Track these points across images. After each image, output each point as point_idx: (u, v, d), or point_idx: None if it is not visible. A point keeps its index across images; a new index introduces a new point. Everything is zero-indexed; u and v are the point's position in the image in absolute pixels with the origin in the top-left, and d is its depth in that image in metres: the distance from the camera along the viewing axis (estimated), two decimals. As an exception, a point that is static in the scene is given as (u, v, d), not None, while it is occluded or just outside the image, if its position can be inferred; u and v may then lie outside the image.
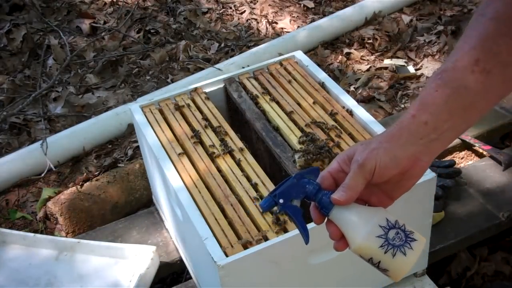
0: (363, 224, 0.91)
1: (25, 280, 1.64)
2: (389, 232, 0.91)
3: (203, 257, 1.29)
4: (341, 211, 0.92)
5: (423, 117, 0.87)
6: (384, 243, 0.91)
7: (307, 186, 0.93)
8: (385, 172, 0.89)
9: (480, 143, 1.95)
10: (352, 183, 0.89)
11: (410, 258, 0.91)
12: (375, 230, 0.91)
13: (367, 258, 0.93)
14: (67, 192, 2.03)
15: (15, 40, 2.96)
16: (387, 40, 2.89)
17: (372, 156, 0.88)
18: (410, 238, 0.92)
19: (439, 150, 0.90)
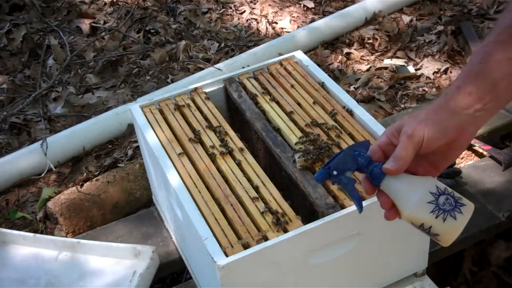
0: (414, 191, 0.95)
1: (25, 280, 1.64)
2: (439, 198, 0.95)
3: (203, 257, 1.29)
4: (392, 180, 0.96)
5: (468, 88, 0.91)
6: (435, 208, 0.94)
7: (359, 159, 0.98)
8: (433, 142, 0.92)
9: (480, 143, 1.95)
10: (402, 154, 0.92)
11: (460, 221, 0.95)
12: (426, 196, 0.95)
13: (418, 224, 0.96)
14: (67, 192, 2.03)
15: (15, 40, 2.96)
16: (387, 40, 2.89)
17: (421, 127, 0.92)
18: (460, 203, 0.96)
19: (485, 121, 0.94)
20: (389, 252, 1.40)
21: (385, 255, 1.40)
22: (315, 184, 1.34)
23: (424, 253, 1.46)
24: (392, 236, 1.36)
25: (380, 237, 1.35)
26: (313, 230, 1.24)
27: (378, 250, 1.37)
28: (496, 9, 3.01)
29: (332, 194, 1.32)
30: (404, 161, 0.93)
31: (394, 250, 1.40)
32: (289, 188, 1.42)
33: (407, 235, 1.39)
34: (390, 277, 1.46)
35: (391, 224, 1.34)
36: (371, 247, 1.35)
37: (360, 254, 1.35)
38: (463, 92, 0.92)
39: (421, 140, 0.92)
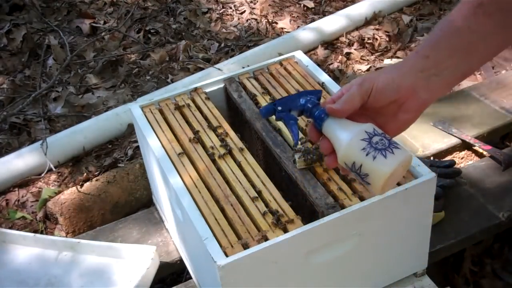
0: (350, 130, 0.95)
1: (25, 280, 1.64)
2: (373, 138, 0.94)
3: (203, 257, 1.29)
4: (333, 122, 0.97)
5: (426, 52, 0.93)
6: (366, 145, 0.94)
7: (306, 101, 1.00)
8: (382, 95, 0.94)
9: (480, 143, 1.95)
10: (348, 98, 0.94)
11: (390, 161, 0.93)
12: (360, 134, 0.95)
13: (351, 164, 0.96)
14: (67, 192, 2.03)
15: (15, 40, 2.96)
16: (387, 40, 2.89)
17: (371, 78, 0.94)
18: (394, 146, 0.95)
19: (439, 89, 0.94)
20: (389, 252, 1.40)
21: (385, 255, 1.40)
22: (315, 184, 1.34)
23: (424, 253, 1.46)
24: (392, 236, 1.36)
25: (380, 237, 1.35)
26: (313, 230, 1.24)
27: (378, 250, 1.37)
28: (496, 9, 3.00)
29: (332, 194, 1.32)
30: (349, 105, 0.94)
31: (394, 250, 1.40)
32: (289, 188, 1.42)
33: (407, 235, 1.39)
34: (390, 277, 1.46)
35: (391, 224, 1.34)
36: (371, 247, 1.35)
37: (360, 254, 1.35)
38: (421, 55, 0.93)
39: (369, 89, 0.93)
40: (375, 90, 0.93)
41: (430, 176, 1.31)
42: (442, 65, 0.92)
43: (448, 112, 2.07)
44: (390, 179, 0.95)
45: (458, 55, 0.91)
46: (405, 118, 0.96)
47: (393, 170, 0.94)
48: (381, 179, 0.94)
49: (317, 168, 1.38)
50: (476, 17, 0.89)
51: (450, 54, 0.91)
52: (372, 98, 0.94)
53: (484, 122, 2.03)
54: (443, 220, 1.70)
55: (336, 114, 0.95)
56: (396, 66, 0.95)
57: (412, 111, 0.96)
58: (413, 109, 0.95)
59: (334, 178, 1.35)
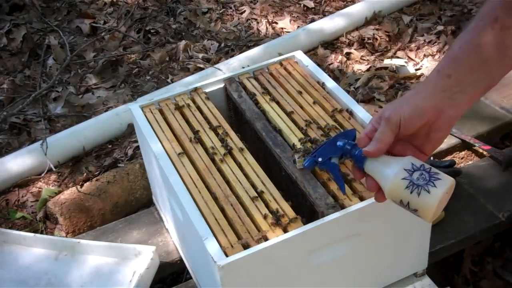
0: (390, 169, 1.00)
1: (25, 280, 1.64)
2: (413, 174, 0.99)
3: (203, 257, 1.29)
4: (373, 163, 1.02)
5: (447, 71, 0.95)
6: (409, 184, 0.99)
7: (343, 145, 1.06)
8: (410, 123, 0.97)
9: (480, 143, 1.95)
10: (380, 136, 0.99)
11: (434, 194, 0.99)
12: (400, 173, 0.99)
13: (398, 201, 1.01)
14: (67, 192, 2.03)
15: (15, 40, 2.96)
16: (387, 40, 2.89)
17: (397, 110, 0.97)
18: (434, 177, 1.00)
19: (465, 104, 0.97)
20: (389, 252, 1.40)
21: (385, 255, 1.40)
22: (315, 184, 1.34)
23: (424, 253, 1.46)
24: (392, 236, 1.36)
25: (380, 237, 1.35)
26: (313, 230, 1.24)
27: (378, 250, 1.37)
28: (496, 9, 3.00)
29: (332, 194, 1.32)
30: (382, 143, 0.98)
31: (394, 250, 1.40)
32: (289, 188, 1.42)
33: (407, 235, 1.39)
34: (390, 277, 1.46)
35: (391, 224, 1.34)
36: (371, 247, 1.35)
37: (360, 254, 1.35)
38: (443, 75, 0.95)
39: (398, 122, 0.96)
40: (403, 121, 0.97)
41: (430, 176, 1.31)
42: (465, 82, 0.94)
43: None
44: (438, 208, 1.01)
45: (479, 71, 0.94)
46: (438, 136, 1.00)
47: (438, 202, 0.99)
48: (430, 212, 1.00)
49: (317, 168, 1.38)
50: (494, 31, 0.91)
51: (471, 70, 0.93)
52: (402, 128, 0.97)
53: (484, 122, 2.03)
54: (443, 220, 1.70)
55: (373, 155, 1.00)
56: (417, 91, 0.98)
57: (443, 129, 0.99)
58: (443, 127, 0.98)
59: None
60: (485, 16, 0.92)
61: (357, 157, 1.04)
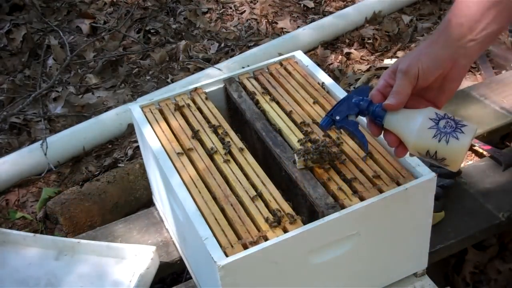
0: (414, 121, 0.99)
1: (25, 280, 1.64)
2: (440, 122, 0.99)
3: (203, 257, 1.29)
4: (393, 116, 1.00)
5: (459, 19, 0.95)
6: (436, 132, 0.98)
7: (360, 102, 1.03)
8: (429, 74, 0.97)
9: (480, 143, 1.95)
10: (399, 89, 0.97)
11: (463, 141, 0.98)
12: (426, 123, 0.98)
13: (425, 152, 1.00)
14: (67, 192, 2.03)
15: (15, 40, 2.97)
16: (387, 40, 2.89)
17: (414, 62, 0.97)
18: (460, 124, 0.99)
19: (476, 53, 0.98)
20: (389, 252, 1.40)
21: (385, 255, 1.40)
22: (315, 184, 1.34)
23: (424, 253, 1.46)
24: (392, 236, 1.36)
25: (380, 237, 1.35)
26: (313, 230, 1.24)
27: (378, 250, 1.37)
28: (496, 9, 3.00)
29: (332, 194, 1.32)
30: (403, 95, 0.97)
31: (394, 250, 1.40)
32: (289, 188, 1.42)
33: (407, 235, 1.39)
34: (390, 277, 1.46)
35: (391, 224, 1.34)
36: (371, 247, 1.35)
37: (360, 254, 1.35)
38: (455, 24, 0.95)
39: (416, 73, 0.96)
40: (422, 72, 0.96)
41: (430, 176, 1.31)
42: (476, 29, 0.94)
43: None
44: (465, 155, 1.00)
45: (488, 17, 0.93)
46: (452, 87, 1.00)
47: (467, 148, 0.99)
48: (459, 159, 0.99)
49: (317, 168, 1.38)
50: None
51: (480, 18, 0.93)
52: (420, 79, 0.97)
53: (484, 122, 2.03)
54: (443, 220, 1.70)
55: (395, 108, 0.98)
56: (431, 41, 0.97)
57: (457, 80, 0.99)
58: (457, 78, 0.99)
59: (334, 178, 1.35)
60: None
61: (375, 113, 1.02)
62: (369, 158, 1.39)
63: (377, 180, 1.33)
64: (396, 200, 1.29)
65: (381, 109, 1.01)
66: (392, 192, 1.28)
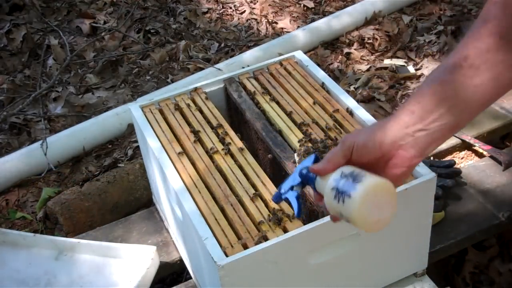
0: (326, 183, 0.95)
1: (25, 280, 1.64)
2: (340, 182, 0.92)
3: (203, 257, 1.29)
4: (318, 182, 0.98)
5: (412, 107, 0.90)
6: (336, 193, 0.92)
7: (301, 171, 1.02)
8: (363, 151, 0.94)
9: (480, 143, 1.95)
10: (330, 156, 0.97)
11: (356, 198, 0.90)
12: (330, 184, 0.94)
13: (338, 214, 0.95)
14: (67, 192, 2.03)
15: (15, 40, 2.96)
16: (387, 40, 2.89)
17: (353, 136, 0.95)
18: (357, 180, 0.91)
19: (427, 145, 0.91)
20: (389, 252, 1.40)
21: (385, 255, 1.40)
22: (315, 184, 1.34)
23: (424, 253, 1.46)
24: (392, 236, 1.36)
25: (380, 237, 1.35)
26: (313, 230, 1.24)
27: (378, 250, 1.37)
28: (496, 9, 3.00)
29: (332, 194, 1.32)
30: (330, 163, 0.96)
31: (394, 250, 1.40)
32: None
33: (407, 235, 1.39)
34: (390, 277, 1.46)
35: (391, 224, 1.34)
36: (371, 247, 1.35)
37: (360, 254, 1.35)
38: (407, 110, 0.90)
39: (351, 146, 0.94)
40: (356, 147, 0.94)
41: (430, 176, 1.31)
42: (427, 119, 0.88)
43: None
44: (370, 214, 0.91)
45: (442, 108, 0.88)
46: (394, 173, 0.93)
47: (362, 204, 0.89)
48: (357, 219, 0.91)
49: (317, 168, 1.38)
50: (462, 70, 0.86)
51: (434, 108, 0.88)
52: (354, 154, 0.94)
53: (484, 122, 2.03)
54: (443, 220, 1.70)
55: (319, 173, 0.97)
56: (380, 124, 0.94)
57: (400, 167, 0.93)
58: (401, 165, 0.93)
59: (334, 178, 1.35)
60: (456, 53, 0.87)
61: (309, 177, 1.00)
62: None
63: (377, 180, 1.33)
64: (396, 200, 1.29)
65: (312, 174, 0.99)
66: (392, 192, 1.28)
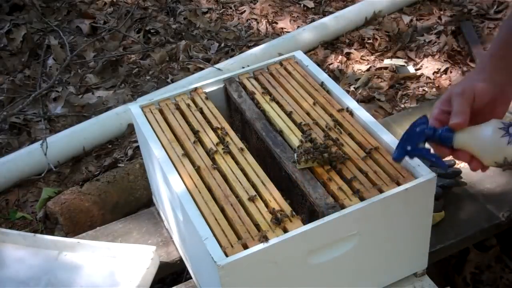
0: (485, 134, 1.06)
1: (25, 280, 1.64)
2: (509, 129, 1.05)
3: (203, 257, 1.29)
4: (462, 135, 1.08)
5: (500, 53, 1.10)
6: (509, 139, 1.04)
7: (425, 131, 1.11)
8: (483, 95, 1.07)
9: (480, 143, 1.95)
10: (460, 109, 1.06)
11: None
12: (497, 133, 1.05)
13: (503, 161, 1.06)
14: (67, 192, 2.03)
15: (15, 40, 2.97)
16: (387, 40, 2.89)
17: (468, 84, 1.08)
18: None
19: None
20: (389, 252, 1.40)
21: (385, 255, 1.40)
22: (315, 184, 1.34)
23: (424, 253, 1.46)
24: (392, 236, 1.36)
25: (380, 237, 1.35)
26: (313, 230, 1.24)
27: (378, 250, 1.37)
28: (496, 9, 3.01)
29: (332, 194, 1.32)
30: (465, 114, 1.06)
31: (394, 250, 1.40)
32: (289, 188, 1.42)
33: (407, 235, 1.39)
34: (390, 277, 1.46)
35: (391, 224, 1.34)
36: (371, 247, 1.35)
37: (360, 254, 1.35)
38: (498, 57, 1.09)
39: (472, 94, 1.06)
40: (477, 93, 1.06)
41: (430, 176, 1.31)
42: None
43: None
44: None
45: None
46: (501, 110, 1.09)
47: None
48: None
49: (317, 168, 1.38)
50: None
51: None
52: (477, 100, 1.06)
53: (484, 122, 2.03)
54: (443, 220, 1.70)
55: (462, 126, 1.06)
56: (480, 71, 1.10)
57: (506, 104, 1.10)
58: (506, 102, 1.09)
59: (334, 178, 1.35)
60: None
61: (443, 136, 1.09)
62: (369, 158, 1.39)
63: (377, 180, 1.33)
64: (396, 200, 1.29)
65: (447, 132, 1.08)
66: (392, 192, 1.28)
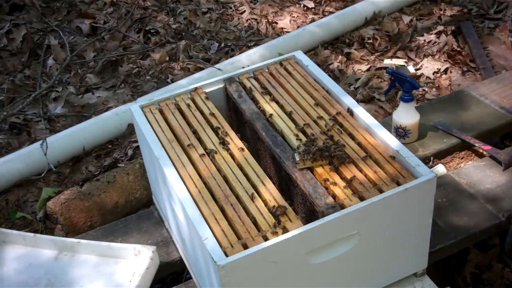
0: None
1: (25, 280, 1.64)
2: None
3: (203, 257, 1.29)
4: None
5: None
6: None
7: None
8: None
9: (480, 143, 1.95)
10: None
11: None
12: None
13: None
14: (67, 192, 2.03)
15: (15, 40, 2.97)
16: (387, 40, 2.89)
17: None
18: None
19: None
20: (389, 252, 1.40)
21: (385, 255, 1.40)
22: (315, 184, 1.34)
23: (424, 253, 1.46)
24: (392, 236, 1.36)
25: (380, 237, 1.35)
26: (313, 230, 1.24)
27: (378, 250, 1.37)
28: (496, 9, 3.01)
29: (332, 194, 1.32)
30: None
31: (394, 250, 1.40)
32: (289, 188, 1.42)
33: (407, 235, 1.39)
34: (390, 277, 1.46)
35: (391, 224, 1.35)
36: (371, 247, 1.35)
37: (360, 254, 1.35)
38: None
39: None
40: None
41: (430, 176, 1.31)
42: None
43: (448, 112, 2.07)
44: None
45: None
46: None
47: None
48: None
49: (317, 168, 1.38)
50: None
51: None
52: None
53: (484, 122, 2.03)
54: (443, 220, 1.70)
55: None
56: None
57: None
58: None
59: (334, 178, 1.35)
60: None
61: None
62: (369, 158, 1.39)
63: (377, 180, 1.33)
64: (396, 200, 1.29)
65: None
66: (392, 192, 1.28)
